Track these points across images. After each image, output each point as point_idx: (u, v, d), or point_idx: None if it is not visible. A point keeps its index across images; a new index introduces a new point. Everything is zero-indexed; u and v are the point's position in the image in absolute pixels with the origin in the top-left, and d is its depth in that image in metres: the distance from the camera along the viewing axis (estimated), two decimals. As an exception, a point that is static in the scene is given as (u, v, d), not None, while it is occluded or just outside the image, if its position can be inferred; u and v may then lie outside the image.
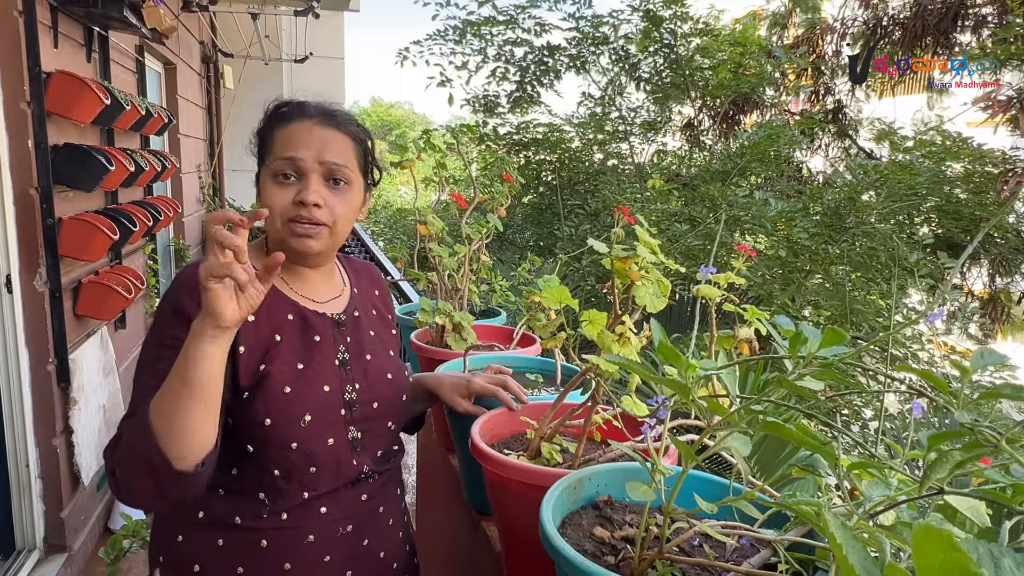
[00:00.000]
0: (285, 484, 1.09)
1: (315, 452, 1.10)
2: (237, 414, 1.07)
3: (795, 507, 0.67)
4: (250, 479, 1.09)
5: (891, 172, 5.13)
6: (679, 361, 0.69)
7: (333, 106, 1.17)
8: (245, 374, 1.07)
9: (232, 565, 1.09)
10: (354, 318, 1.23)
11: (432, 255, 1.88)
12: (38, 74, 2.46)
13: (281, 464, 1.08)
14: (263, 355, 1.09)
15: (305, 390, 1.10)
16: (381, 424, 1.20)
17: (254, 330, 1.09)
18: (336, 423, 1.13)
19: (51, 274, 2.62)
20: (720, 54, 7.43)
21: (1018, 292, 7.21)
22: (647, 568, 0.79)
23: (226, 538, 1.09)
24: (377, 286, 1.36)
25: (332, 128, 1.13)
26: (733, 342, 1.19)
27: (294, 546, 1.10)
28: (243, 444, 1.08)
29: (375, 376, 1.20)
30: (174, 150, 5.05)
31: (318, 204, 1.10)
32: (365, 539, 1.18)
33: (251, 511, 1.09)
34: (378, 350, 1.24)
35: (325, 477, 1.11)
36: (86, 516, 3.00)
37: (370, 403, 1.18)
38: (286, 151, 1.11)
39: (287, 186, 1.11)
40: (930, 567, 0.38)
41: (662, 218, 5.55)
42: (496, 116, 7.78)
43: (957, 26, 7.27)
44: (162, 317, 1.08)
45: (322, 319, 1.17)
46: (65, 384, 2.72)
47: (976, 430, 0.50)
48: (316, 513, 1.12)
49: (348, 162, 1.14)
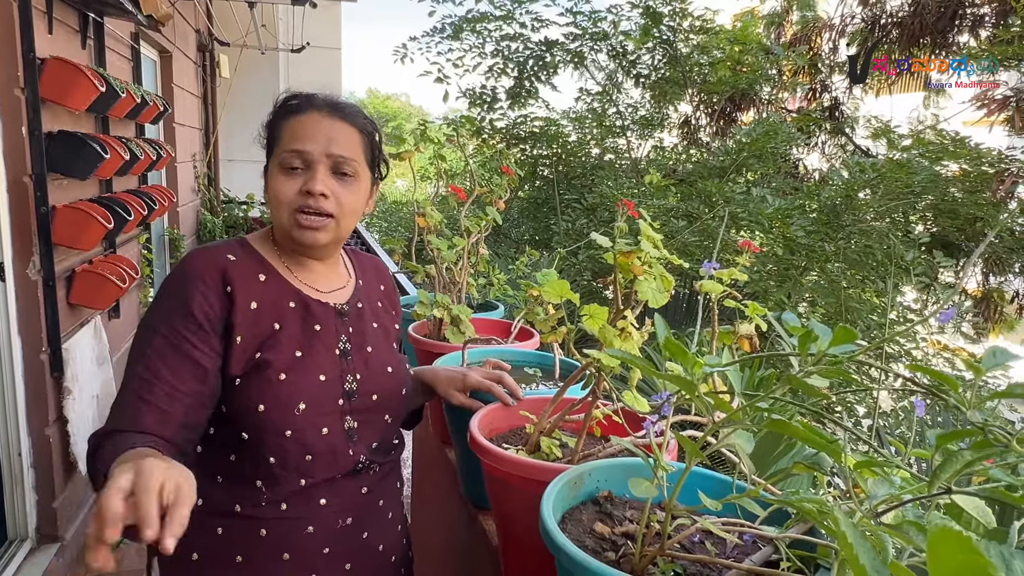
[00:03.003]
0: (281, 471, 1.09)
1: (309, 440, 1.09)
2: (231, 400, 1.07)
3: (798, 504, 0.67)
4: (247, 466, 1.09)
5: (888, 170, 5.14)
6: (685, 357, 0.69)
7: (341, 98, 1.17)
8: (238, 363, 1.06)
9: (231, 554, 1.08)
10: (357, 309, 1.22)
11: (430, 247, 1.87)
12: (32, 60, 2.43)
13: (277, 452, 1.08)
14: (260, 344, 1.08)
15: (300, 378, 1.09)
16: (378, 416, 1.20)
17: (254, 320, 1.09)
18: (332, 412, 1.12)
19: (45, 263, 2.59)
20: (718, 51, 7.43)
21: (1011, 291, 7.24)
22: (648, 564, 0.78)
23: (225, 526, 1.09)
24: (383, 281, 1.35)
25: (340, 120, 1.13)
26: (734, 338, 1.19)
27: (293, 536, 1.10)
28: (239, 431, 1.08)
29: (376, 368, 1.20)
30: (169, 139, 5.01)
31: (325, 194, 1.10)
32: (364, 532, 1.17)
33: (250, 499, 1.09)
34: (380, 343, 1.24)
35: (321, 465, 1.11)
36: (79, 506, 2.98)
37: (370, 394, 1.17)
38: (294, 143, 1.10)
39: (294, 176, 1.10)
40: (945, 569, 0.38)
41: (659, 214, 5.55)
42: (493, 111, 7.76)
43: (955, 25, 7.27)
44: (161, 301, 1.08)
45: (324, 308, 1.17)
46: (58, 373, 2.70)
47: (987, 430, 0.50)
48: (316, 504, 1.11)
49: (355, 155, 1.13)
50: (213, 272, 1.08)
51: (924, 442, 0.85)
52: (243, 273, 1.11)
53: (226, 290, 1.08)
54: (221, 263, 1.10)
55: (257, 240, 1.19)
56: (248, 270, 1.12)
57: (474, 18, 7.28)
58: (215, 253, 1.11)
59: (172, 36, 4.88)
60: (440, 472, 1.67)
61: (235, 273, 1.10)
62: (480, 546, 1.33)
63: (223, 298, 1.08)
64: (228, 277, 1.09)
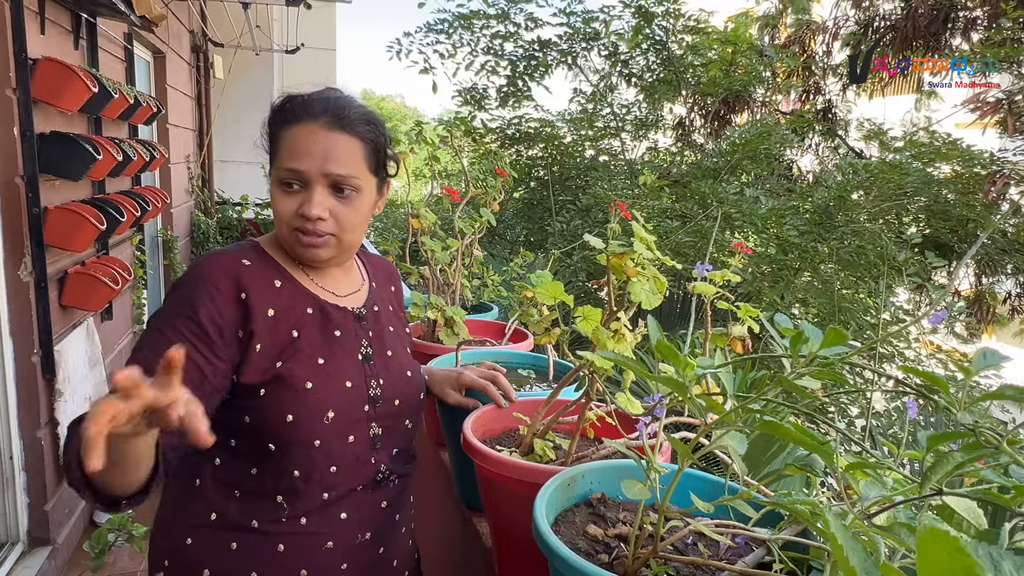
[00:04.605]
0: (304, 485, 1.06)
1: (336, 450, 1.07)
2: (257, 412, 1.04)
3: (791, 506, 0.67)
4: (269, 479, 1.06)
5: (881, 171, 5.16)
6: (677, 359, 0.69)
7: (342, 102, 1.10)
8: (255, 372, 1.03)
9: (246, 570, 1.05)
10: (374, 313, 1.20)
11: (424, 249, 1.86)
12: (24, 60, 2.42)
13: (303, 463, 1.05)
14: (279, 353, 1.05)
15: (327, 386, 1.06)
16: (400, 422, 1.17)
17: (272, 328, 1.06)
18: (359, 419, 1.10)
19: (36, 264, 2.58)
20: (711, 52, 7.44)
21: (1003, 292, 7.28)
22: (641, 567, 0.79)
23: (240, 541, 1.05)
24: (393, 282, 1.32)
25: (339, 131, 1.06)
26: (726, 340, 1.19)
27: (312, 552, 1.07)
28: (265, 443, 1.04)
29: (397, 372, 1.17)
30: (163, 140, 4.99)
31: (322, 217, 1.06)
32: (381, 547, 1.15)
33: (268, 514, 1.06)
34: (397, 347, 1.21)
35: (344, 476, 1.08)
36: (70, 509, 2.97)
37: (393, 400, 1.15)
38: (290, 160, 1.06)
39: (292, 194, 1.07)
40: (934, 570, 0.38)
41: (652, 214, 5.56)
42: (484, 110, 7.76)
43: (948, 28, 7.31)
44: (168, 304, 1.04)
45: (342, 313, 1.14)
46: (50, 376, 2.69)
47: (977, 431, 0.50)
48: (336, 518, 1.08)
49: (356, 170, 1.08)
50: (226, 279, 1.04)
51: (916, 443, 0.85)
52: (259, 279, 1.07)
53: (241, 297, 1.04)
54: (236, 269, 1.06)
55: (270, 245, 1.15)
56: (264, 276, 1.09)
57: (468, 15, 7.28)
58: (230, 259, 1.07)
59: (166, 37, 4.86)
60: (434, 473, 1.67)
61: (250, 279, 1.06)
62: (474, 548, 1.33)
63: (238, 305, 1.04)
64: (243, 284, 1.05)
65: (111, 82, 3.03)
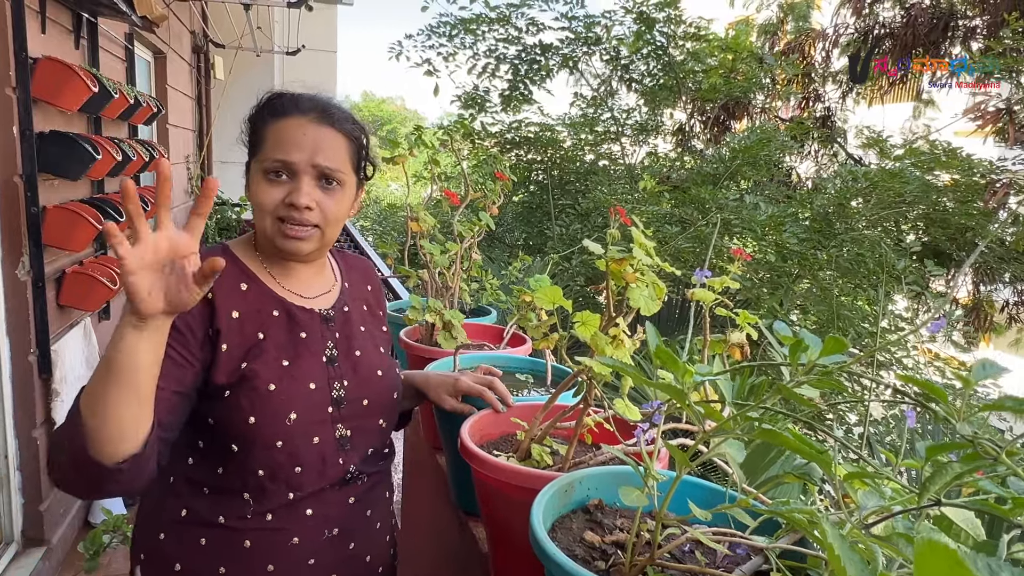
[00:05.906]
0: (270, 484, 1.07)
1: (300, 451, 1.08)
2: (220, 413, 1.05)
3: (789, 515, 0.67)
4: (235, 478, 1.08)
5: (880, 179, 5.18)
6: (676, 366, 0.68)
7: (329, 101, 1.14)
8: (223, 372, 1.05)
9: (214, 565, 1.07)
10: (343, 313, 1.21)
11: (423, 252, 1.86)
12: (24, 59, 2.42)
13: (266, 464, 1.06)
14: (245, 354, 1.07)
15: (290, 387, 1.08)
16: (371, 422, 1.19)
17: (238, 329, 1.08)
18: (322, 421, 1.11)
19: (34, 263, 2.57)
20: (712, 59, 7.47)
21: (1001, 300, 7.29)
22: (638, 574, 0.78)
23: (209, 537, 1.07)
24: (369, 281, 1.33)
25: (327, 127, 1.10)
26: (725, 347, 1.19)
27: (278, 548, 1.08)
28: (228, 443, 1.06)
29: (365, 373, 1.18)
30: (163, 140, 4.99)
31: (309, 207, 1.08)
32: (351, 543, 1.16)
33: (235, 511, 1.08)
34: (368, 346, 1.22)
35: (310, 477, 1.10)
36: (65, 509, 2.96)
37: (359, 400, 1.16)
38: (279, 151, 1.08)
39: (278, 184, 1.08)
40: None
41: (652, 220, 5.56)
42: (486, 113, 7.77)
43: (947, 36, 7.33)
44: None
45: (309, 315, 1.15)
46: (47, 375, 2.68)
47: (976, 442, 0.50)
48: (301, 515, 1.10)
49: (341, 164, 1.11)
50: None
51: (914, 451, 0.85)
52: (224, 281, 1.09)
53: (207, 296, 1.06)
54: None
55: (239, 246, 1.17)
56: (229, 278, 1.10)
57: (470, 19, 7.30)
58: None
59: (167, 37, 4.86)
60: (430, 478, 1.66)
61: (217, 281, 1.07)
62: (470, 553, 1.32)
63: (204, 303, 1.05)
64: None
65: (111, 82, 3.03)
